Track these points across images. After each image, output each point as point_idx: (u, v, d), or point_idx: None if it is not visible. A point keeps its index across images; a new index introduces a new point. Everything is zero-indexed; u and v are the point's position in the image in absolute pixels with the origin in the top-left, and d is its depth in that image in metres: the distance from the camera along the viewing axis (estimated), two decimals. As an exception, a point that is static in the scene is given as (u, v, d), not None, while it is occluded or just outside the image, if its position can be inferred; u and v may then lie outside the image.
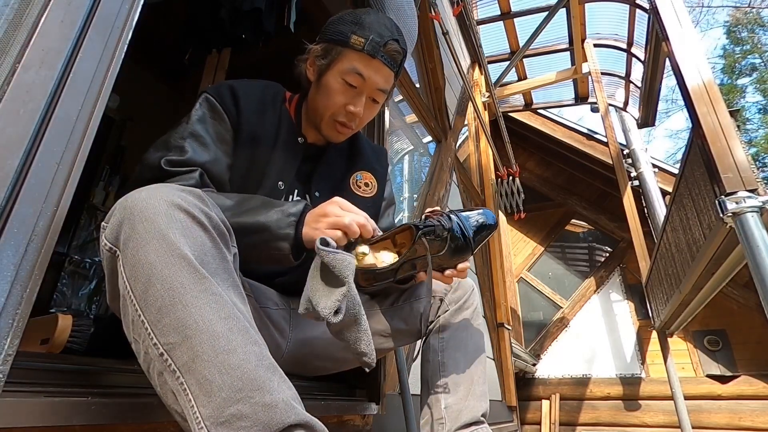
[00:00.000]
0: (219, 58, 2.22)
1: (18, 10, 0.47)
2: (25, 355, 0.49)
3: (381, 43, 0.82)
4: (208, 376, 0.44)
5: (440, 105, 2.76)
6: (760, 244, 1.44)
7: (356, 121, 0.88)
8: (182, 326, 0.46)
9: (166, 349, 0.46)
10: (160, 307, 0.47)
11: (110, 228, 0.52)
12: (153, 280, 0.47)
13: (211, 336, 0.46)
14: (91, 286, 2.66)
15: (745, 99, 11.62)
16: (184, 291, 0.47)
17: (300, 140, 0.90)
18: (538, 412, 4.53)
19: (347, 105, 0.85)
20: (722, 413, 3.88)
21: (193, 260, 0.49)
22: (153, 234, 0.49)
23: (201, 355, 0.45)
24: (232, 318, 0.48)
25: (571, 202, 5.38)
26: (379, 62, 0.83)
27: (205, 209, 0.54)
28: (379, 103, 0.90)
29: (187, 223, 0.51)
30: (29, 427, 0.46)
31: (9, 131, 0.44)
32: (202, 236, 0.52)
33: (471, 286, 0.93)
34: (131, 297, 0.48)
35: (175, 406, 0.46)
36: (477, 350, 0.88)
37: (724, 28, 11.97)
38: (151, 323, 0.47)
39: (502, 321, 2.99)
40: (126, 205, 0.51)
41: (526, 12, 4.01)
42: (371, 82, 0.84)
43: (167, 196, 0.51)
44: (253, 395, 0.44)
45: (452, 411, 0.81)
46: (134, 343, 0.49)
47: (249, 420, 0.43)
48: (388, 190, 1.03)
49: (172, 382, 0.46)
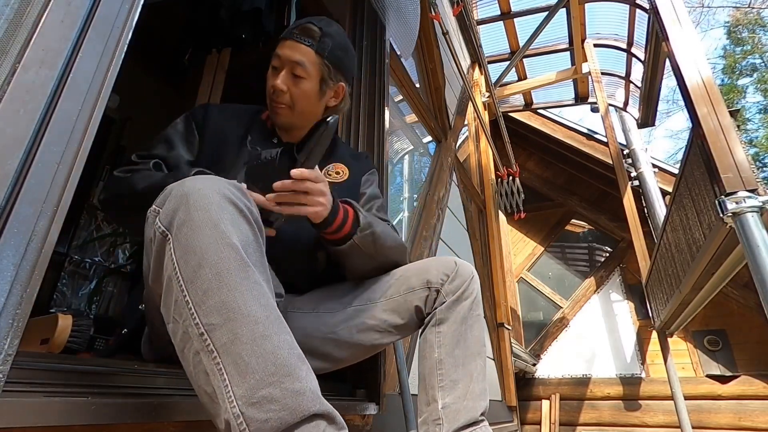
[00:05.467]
0: (219, 58, 2.22)
1: (18, 10, 0.47)
2: (25, 355, 0.49)
3: (294, 26, 0.97)
4: (245, 357, 0.47)
5: (440, 105, 2.76)
6: (760, 244, 1.44)
7: (284, 97, 0.97)
8: (225, 309, 0.49)
9: (207, 330, 0.49)
10: (206, 289, 0.50)
11: (165, 213, 0.55)
12: (203, 263, 0.51)
13: (251, 320, 0.49)
14: (91, 286, 2.66)
15: (745, 99, 11.62)
16: (230, 276, 0.50)
17: (274, 140, 1.02)
18: (538, 412, 4.53)
19: (273, 84, 0.97)
20: (722, 413, 3.87)
21: (240, 249, 0.53)
22: (206, 222, 0.52)
23: (240, 337, 0.48)
24: (269, 307, 0.52)
25: (571, 202, 5.38)
26: (291, 41, 0.96)
27: (248, 204, 0.58)
28: (303, 78, 0.96)
29: (235, 215, 0.55)
30: (29, 427, 0.46)
31: (9, 131, 0.44)
32: (247, 228, 0.56)
33: (470, 273, 0.87)
34: (178, 278, 0.51)
35: (205, 387, 0.49)
36: (477, 344, 0.83)
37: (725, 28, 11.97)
38: (196, 304, 0.50)
39: (502, 321, 2.99)
40: (182, 193, 0.55)
41: (526, 12, 4.00)
42: (285, 57, 0.95)
43: (219, 188, 0.56)
44: (284, 381, 0.47)
45: (450, 411, 0.78)
46: (173, 323, 0.52)
47: (278, 404, 0.46)
48: (370, 187, 1.08)
49: (208, 362, 0.48)
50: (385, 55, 1.76)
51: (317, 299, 0.92)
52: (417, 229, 2.07)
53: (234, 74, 2.31)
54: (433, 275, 0.85)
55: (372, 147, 1.53)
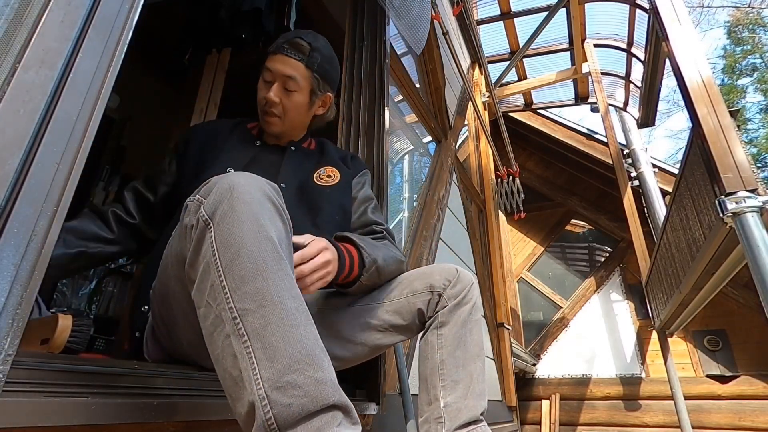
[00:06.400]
0: (219, 58, 2.22)
1: (18, 10, 0.47)
2: (25, 355, 0.49)
3: (284, 41, 1.02)
4: (274, 343, 0.49)
5: (440, 105, 2.76)
6: (760, 244, 1.44)
7: (277, 108, 1.03)
8: (259, 296, 0.52)
9: (240, 314, 0.51)
10: (243, 276, 0.52)
11: (209, 203, 0.58)
12: (241, 252, 0.54)
13: (282, 308, 0.52)
14: (91, 286, 2.66)
15: (745, 99, 11.62)
16: (266, 266, 0.53)
17: (257, 143, 1.08)
18: (538, 412, 4.53)
19: (265, 96, 1.02)
20: (722, 413, 3.87)
21: (276, 243, 0.56)
22: (248, 215, 0.56)
23: (271, 323, 0.50)
24: (298, 298, 0.55)
25: (571, 202, 5.38)
26: (282, 55, 1.01)
27: (282, 204, 0.63)
28: (295, 92, 1.03)
29: (272, 211, 0.59)
30: (29, 427, 0.46)
31: (9, 131, 0.44)
32: (281, 225, 0.60)
33: (470, 280, 0.92)
34: (217, 264, 0.54)
35: (231, 369, 0.50)
36: (476, 347, 0.87)
37: (725, 28, 11.97)
38: (232, 289, 0.52)
39: (502, 321, 2.99)
40: (226, 186, 0.58)
41: (526, 12, 4.00)
42: (277, 71, 1.01)
43: (260, 185, 0.60)
44: (308, 369, 0.49)
45: (451, 410, 0.80)
46: (206, 306, 0.55)
47: (302, 390, 0.47)
48: (362, 189, 1.11)
49: (237, 345, 0.50)
50: (385, 55, 1.76)
51: (321, 298, 0.93)
52: (417, 229, 2.07)
53: (234, 74, 2.31)
54: (436, 280, 0.89)
55: (372, 147, 1.53)
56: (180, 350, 0.78)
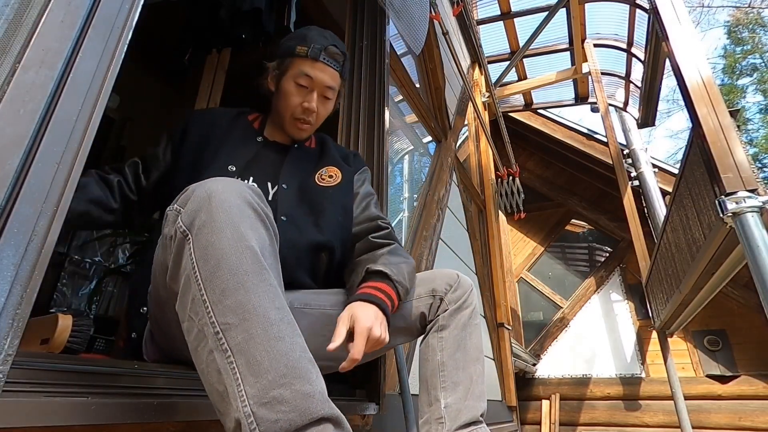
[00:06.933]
0: (219, 58, 2.22)
1: (18, 10, 0.47)
2: (25, 355, 0.49)
3: (321, 48, 0.99)
4: (258, 357, 0.47)
5: (440, 105, 2.76)
6: (760, 244, 1.44)
7: (313, 116, 1.01)
8: (241, 309, 0.50)
9: (222, 329, 0.49)
10: (224, 289, 0.50)
11: (186, 213, 0.56)
12: (222, 264, 0.52)
13: (265, 321, 0.50)
14: (91, 286, 2.66)
15: (745, 99, 11.62)
16: (248, 278, 0.51)
17: (259, 139, 1.04)
18: (538, 412, 4.53)
19: (303, 103, 0.99)
20: (722, 413, 3.87)
21: (258, 252, 0.54)
22: (227, 224, 0.54)
23: (254, 337, 0.48)
24: (283, 309, 0.53)
25: (571, 202, 5.38)
26: (322, 64, 0.99)
27: (265, 209, 0.60)
28: (331, 100, 1.04)
29: (253, 218, 0.57)
30: (29, 427, 0.46)
31: (9, 131, 0.43)
32: (263, 233, 0.57)
33: (470, 285, 0.93)
34: (197, 277, 0.52)
35: (217, 385, 0.49)
36: (476, 350, 0.88)
37: (725, 28, 11.97)
38: (213, 303, 0.50)
39: (502, 321, 2.99)
40: (203, 195, 0.56)
41: (526, 12, 4.00)
42: (318, 80, 0.99)
43: (240, 191, 0.57)
44: (295, 383, 0.47)
45: (452, 410, 0.81)
46: (188, 321, 0.53)
47: (289, 405, 0.46)
48: (363, 186, 1.10)
49: (221, 361, 0.49)
50: (385, 55, 1.76)
51: (324, 297, 0.93)
52: (417, 229, 2.07)
53: (234, 74, 2.31)
54: (438, 285, 0.90)
55: (372, 147, 1.53)
56: (178, 352, 0.78)
